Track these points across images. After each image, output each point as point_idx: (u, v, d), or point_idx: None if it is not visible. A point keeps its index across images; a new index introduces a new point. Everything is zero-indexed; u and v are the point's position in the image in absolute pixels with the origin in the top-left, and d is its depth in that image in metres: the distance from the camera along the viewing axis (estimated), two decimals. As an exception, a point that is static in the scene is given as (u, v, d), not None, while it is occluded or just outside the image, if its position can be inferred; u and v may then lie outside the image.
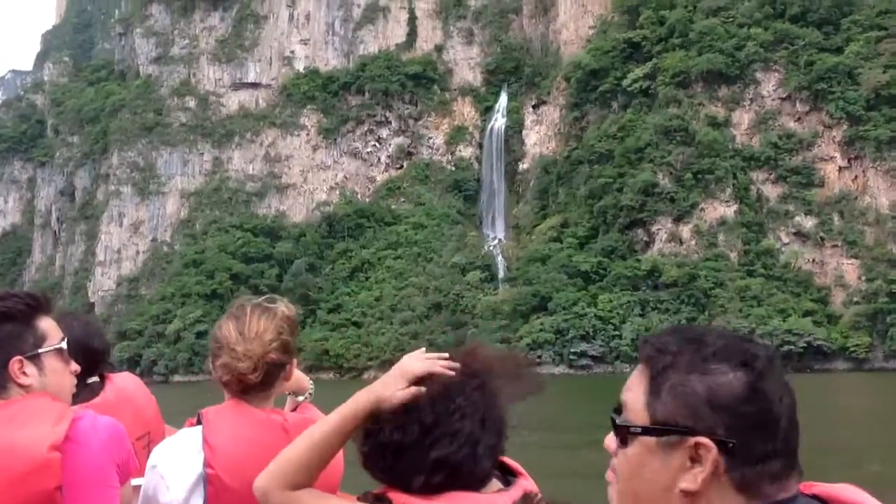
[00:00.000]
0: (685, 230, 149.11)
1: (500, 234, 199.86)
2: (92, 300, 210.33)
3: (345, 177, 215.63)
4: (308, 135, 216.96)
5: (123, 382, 3.82)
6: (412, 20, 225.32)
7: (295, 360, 2.92)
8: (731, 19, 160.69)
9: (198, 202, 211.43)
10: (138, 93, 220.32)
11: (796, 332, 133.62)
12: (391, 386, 1.72)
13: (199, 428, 2.73)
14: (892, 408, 42.70)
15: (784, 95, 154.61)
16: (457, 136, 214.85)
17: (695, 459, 1.41)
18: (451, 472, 1.68)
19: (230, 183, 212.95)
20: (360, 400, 1.71)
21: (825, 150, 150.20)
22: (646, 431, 1.44)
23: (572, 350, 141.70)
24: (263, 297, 2.81)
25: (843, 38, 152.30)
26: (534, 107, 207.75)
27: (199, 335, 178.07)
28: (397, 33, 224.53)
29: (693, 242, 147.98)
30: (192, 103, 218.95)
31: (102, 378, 3.68)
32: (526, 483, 1.83)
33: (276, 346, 2.76)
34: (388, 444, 1.73)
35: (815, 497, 1.42)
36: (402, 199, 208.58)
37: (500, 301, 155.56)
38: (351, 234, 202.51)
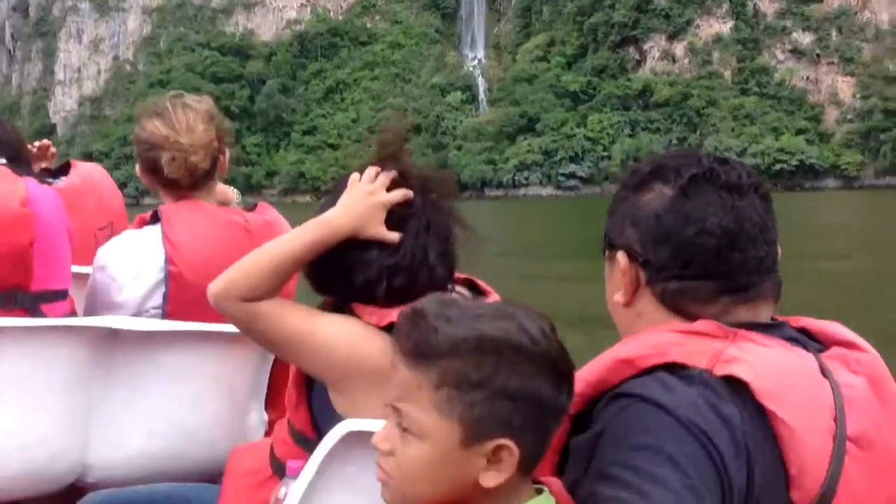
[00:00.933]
0: (679, 48, 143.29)
1: (480, 54, 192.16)
2: (53, 121, 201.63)
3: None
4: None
5: (88, 170, 3.52)
6: None
7: (227, 153, 2.80)
8: None
9: (161, 18, 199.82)
10: None
11: (788, 150, 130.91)
12: (373, 218, 1.67)
13: (158, 225, 2.62)
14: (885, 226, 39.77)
15: None
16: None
17: (622, 272, 1.45)
18: (407, 278, 1.64)
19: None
20: (335, 226, 1.66)
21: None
22: (603, 249, 1.52)
23: (560, 171, 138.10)
24: (170, 94, 2.71)
25: None
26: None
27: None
28: None
29: (686, 60, 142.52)
30: None
31: (68, 164, 3.43)
32: (492, 300, 1.71)
33: (214, 135, 2.67)
34: (343, 261, 1.70)
35: (802, 330, 1.41)
36: (378, 17, 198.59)
37: (485, 122, 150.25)
38: (324, 53, 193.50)
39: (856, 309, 13.90)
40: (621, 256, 1.44)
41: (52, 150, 3.53)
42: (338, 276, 1.71)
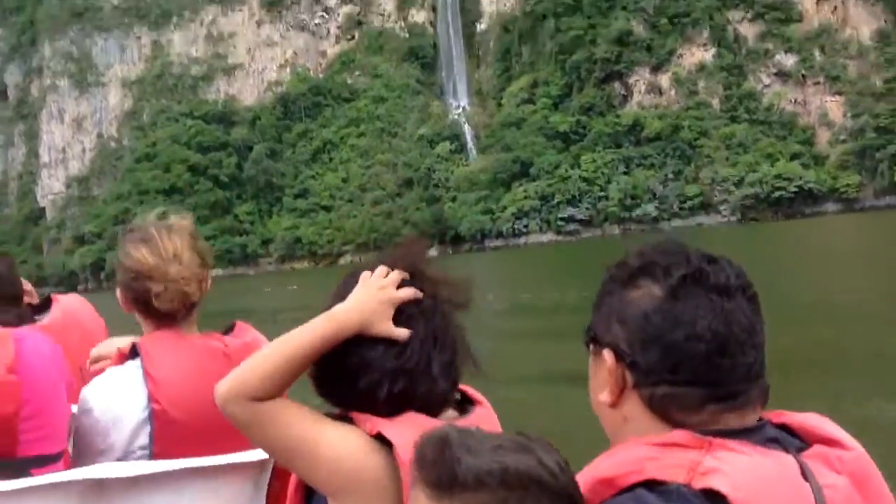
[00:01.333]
0: (664, 79, 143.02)
1: (464, 102, 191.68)
2: (42, 205, 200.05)
3: (294, 52, 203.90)
4: (251, 9, 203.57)
5: (69, 303, 3.50)
6: None
7: (209, 275, 2.76)
8: None
9: (141, 91, 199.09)
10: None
11: (786, 176, 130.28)
12: (381, 315, 1.69)
13: (138, 361, 2.61)
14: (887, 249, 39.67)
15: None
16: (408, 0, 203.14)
17: (609, 372, 1.43)
18: (409, 384, 1.66)
19: (173, 68, 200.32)
20: (343, 321, 1.68)
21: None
22: (586, 342, 1.51)
23: (559, 216, 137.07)
24: (154, 214, 2.74)
25: None
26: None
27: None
28: None
29: (673, 92, 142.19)
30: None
31: (49, 300, 3.42)
32: (483, 412, 1.80)
33: (199, 262, 2.67)
34: (348, 362, 1.72)
35: (783, 426, 1.39)
36: (358, 73, 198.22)
37: (478, 171, 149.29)
38: (308, 113, 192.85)
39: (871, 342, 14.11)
40: (608, 355, 1.41)
41: (32, 290, 3.34)
42: (343, 377, 1.70)
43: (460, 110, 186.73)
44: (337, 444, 1.66)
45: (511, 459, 1.16)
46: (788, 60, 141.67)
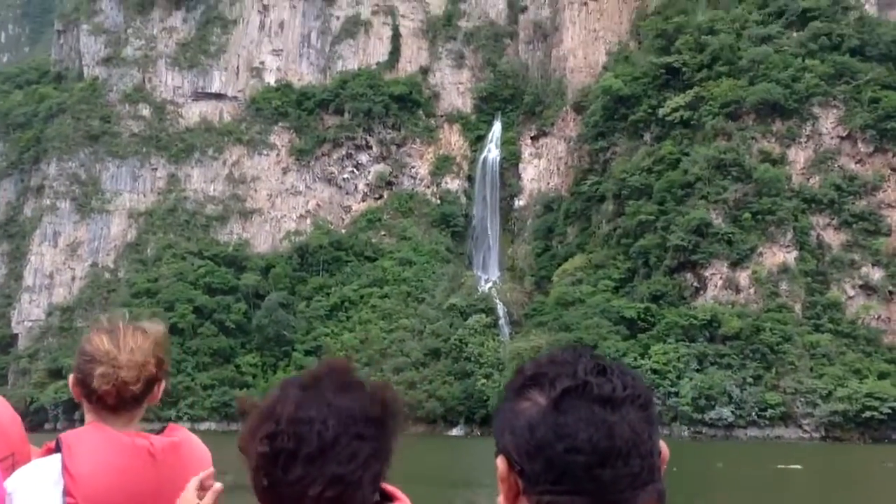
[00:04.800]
0: (743, 276, 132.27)
1: (494, 276, 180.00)
2: (15, 331, 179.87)
3: (317, 204, 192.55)
4: (278, 155, 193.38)
5: None
6: (395, 37, 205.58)
7: (163, 382, 2.83)
8: (783, 48, 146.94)
9: (149, 224, 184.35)
10: (82, 96, 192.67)
11: (878, 395, 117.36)
12: None
13: (58, 455, 2.64)
14: None
15: (844, 134, 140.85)
16: (443, 166, 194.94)
17: (500, 479, 1.48)
18: (343, 491, 1.73)
19: (187, 204, 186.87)
20: None
21: (891, 196, 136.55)
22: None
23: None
24: (124, 312, 2.78)
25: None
26: (532, 138, 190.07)
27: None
28: (379, 51, 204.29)
29: (752, 291, 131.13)
30: (145, 111, 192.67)
31: None
32: None
33: (154, 361, 2.73)
34: (284, 450, 1.77)
35: None
36: (384, 233, 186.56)
37: (532, 348, 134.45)
38: (327, 268, 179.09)
39: None
40: (500, 462, 1.48)
41: None
42: (275, 464, 1.84)
43: (490, 284, 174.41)
44: None
45: None
46: (875, 274, 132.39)
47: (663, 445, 1.55)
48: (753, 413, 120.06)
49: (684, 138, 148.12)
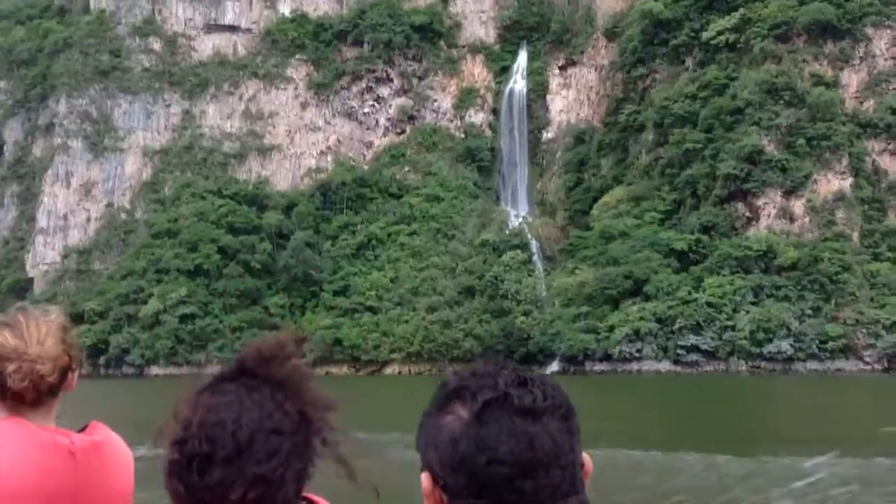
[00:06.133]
0: (797, 205, 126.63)
1: (523, 212, 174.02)
2: (31, 275, 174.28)
3: (338, 140, 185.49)
4: (296, 89, 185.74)
5: None
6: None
7: (77, 370, 2.77)
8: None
9: (164, 162, 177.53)
10: (90, 30, 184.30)
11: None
12: None
13: None
14: None
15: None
16: (467, 99, 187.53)
17: (425, 494, 1.49)
18: (265, 492, 1.71)
19: (204, 141, 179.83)
20: None
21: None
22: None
23: (680, 343, 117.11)
24: (17, 306, 2.75)
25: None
26: (561, 68, 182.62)
27: (185, 319, 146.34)
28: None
29: (807, 220, 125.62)
30: (156, 45, 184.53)
31: None
32: None
33: (65, 349, 2.68)
34: (197, 455, 1.73)
35: None
36: (408, 169, 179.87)
37: (578, 283, 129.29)
38: (351, 205, 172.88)
39: None
40: (425, 478, 1.49)
41: None
42: (189, 469, 1.76)
43: (520, 220, 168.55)
44: None
45: None
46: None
47: (587, 458, 1.56)
48: (813, 346, 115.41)
49: (730, 63, 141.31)
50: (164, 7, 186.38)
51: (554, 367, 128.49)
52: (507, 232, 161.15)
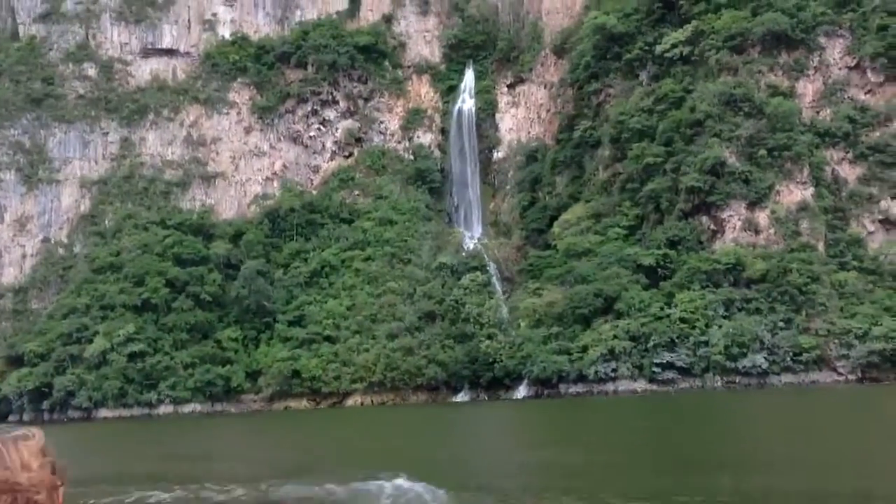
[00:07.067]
0: (762, 216, 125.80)
1: (477, 233, 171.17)
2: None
3: (284, 165, 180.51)
4: (239, 114, 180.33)
5: None
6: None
7: (63, 487, 2.70)
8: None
9: (104, 193, 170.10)
10: (20, 57, 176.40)
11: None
12: None
13: None
14: None
15: (852, 64, 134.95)
16: (414, 120, 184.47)
17: None
18: None
19: (144, 170, 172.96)
20: None
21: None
22: None
23: (655, 360, 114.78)
24: None
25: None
26: (509, 86, 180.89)
27: (133, 357, 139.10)
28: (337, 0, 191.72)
29: (773, 231, 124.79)
30: (91, 71, 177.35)
31: None
32: None
33: (50, 470, 2.60)
34: None
35: None
36: (357, 192, 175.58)
37: (546, 303, 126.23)
38: (301, 232, 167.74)
39: None
40: None
41: None
42: None
43: (475, 241, 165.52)
44: None
45: None
46: (895, 208, 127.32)
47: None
48: (788, 358, 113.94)
49: (685, 75, 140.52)
50: (98, 32, 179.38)
51: (521, 391, 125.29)
52: (463, 254, 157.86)
